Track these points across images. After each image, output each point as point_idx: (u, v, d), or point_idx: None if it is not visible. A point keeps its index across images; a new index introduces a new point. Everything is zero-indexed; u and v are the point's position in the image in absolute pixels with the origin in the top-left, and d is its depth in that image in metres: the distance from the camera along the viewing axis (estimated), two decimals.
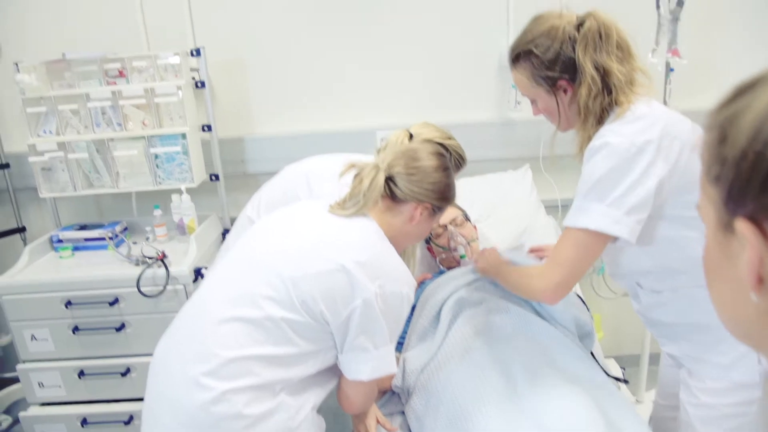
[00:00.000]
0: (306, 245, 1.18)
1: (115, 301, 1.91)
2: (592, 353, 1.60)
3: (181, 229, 2.15)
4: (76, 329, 1.94)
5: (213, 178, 2.27)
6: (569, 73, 1.22)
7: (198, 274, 1.95)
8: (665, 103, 2.07)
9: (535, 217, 2.13)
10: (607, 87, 1.19)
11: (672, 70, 2.05)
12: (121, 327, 1.94)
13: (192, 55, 2.13)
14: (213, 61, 2.26)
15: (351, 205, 1.23)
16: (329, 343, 1.18)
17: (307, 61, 2.32)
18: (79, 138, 2.07)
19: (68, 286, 1.91)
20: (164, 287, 1.88)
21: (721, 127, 0.49)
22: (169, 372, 1.16)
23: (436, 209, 1.30)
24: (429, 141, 1.37)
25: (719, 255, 0.52)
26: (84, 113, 2.07)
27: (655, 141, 1.14)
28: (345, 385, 1.25)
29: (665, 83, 2.07)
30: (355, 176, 1.26)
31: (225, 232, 2.33)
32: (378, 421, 1.42)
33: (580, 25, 1.21)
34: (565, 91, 1.25)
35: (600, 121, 1.23)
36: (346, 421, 1.48)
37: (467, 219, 1.88)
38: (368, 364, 1.17)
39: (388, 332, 1.16)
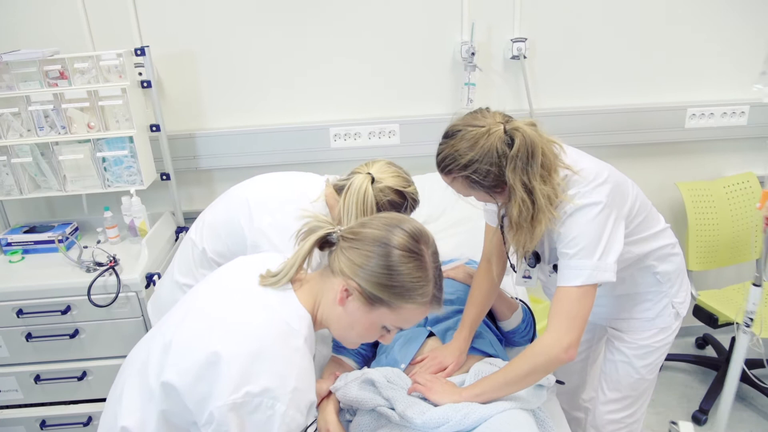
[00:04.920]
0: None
1: (67, 309, 1.93)
2: None
3: (133, 231, 2.15)
4: (29, 336, 1.95)
5: (164, 177, 2.25)
6: (503, 185, 1.30)
7: (150, 280, 1.97)
8: None
9: (482, 218, 2.17)
10: (533, 204, 1.28)
11: None
12: (74, 333, 1.96)
13: (137, 54, 2.07)
14: (161, 56, 2.21)
15: (283, 273, 1.08)
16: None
17: (258, 56, 2.28)
18: (22, 141, 2.02)
19: (19, 295, 1.92)
20: (116, 295, 1.90)
21: None
22: None
23: (375, 307, 1.05)
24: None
25: None
26: (26, 116, 2.01)
27: (610, 195, 1.32)
28: None
29: None
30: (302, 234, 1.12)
31: (178, 230, 2.34)
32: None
33: (509, 143, 1.26)
34: (502, 197, 1.34)
35: (529, 232, 1.32)
36: None
37: None
38: None
39: None
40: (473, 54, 2.25)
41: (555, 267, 1.45)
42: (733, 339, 2.58)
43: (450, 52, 2.33)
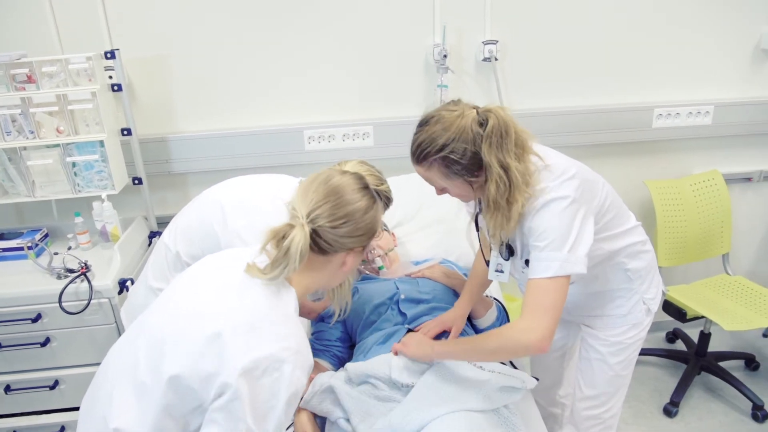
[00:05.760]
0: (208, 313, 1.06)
1: (37, 317, 1.89)
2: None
3: (105, 236, 2.12)
4: None
5: (136, 181, 2.23)
6: (480, 168, 1.31)
7: (123, 286, 1.94)
8: None
9: (458, 215, 2.20)
10: (509, 183, 1.30)
11: None
12: (46, 342, 1.93)
13: (107, 57, 2.05)
14: (132, 59, 2.18)
15: (275, 272, 1.08)
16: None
17: (231, 58, 2.27)
18: None
19: None
20: (88, 302, 1.87)
21: None
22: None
23: (366, 246, 1.26)
24: (356, 178, 1.30)
25: None
26: None
27: (578, 190, 1.35)
28: None
29: None
30: (278, 244, 1.10)
31: (152, 234, 2.31)
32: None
33: (482, 123, 1.28)
34: (478, 183, 1.35)
35: (506, 211, 1.33)
36: None
37: (385, 229, 1.94)
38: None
39: (254, 425, 0.98)
40: (445, 56, 2.28)
41: (527, 262, 1.47)
42: (702, 333, 2.65)
43: (422, 54, 2.35)
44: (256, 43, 2.26)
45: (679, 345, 2.92)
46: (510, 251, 1.49)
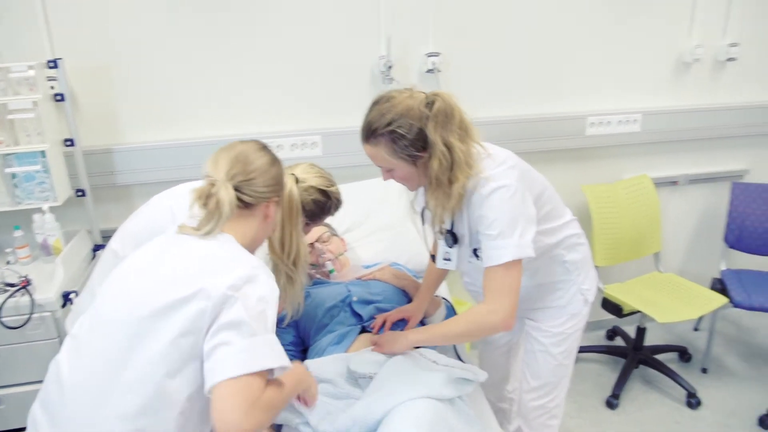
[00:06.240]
0: (171, 277, 1.15)
1: None
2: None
3: (46, 250, 2.07)
4: None
5: (79, 193, 2.18)
6: (425, 149, 1.39)
7: (66, 299, 1.90)
8: None
9: (404, 223, 2.26)
10: (452, 162, 1.38)
11: None
12: None
13: (49, 66, 2.01)
14: (75, 69, 2.15)
15: (209, 226, 1.20)
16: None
17: (176, 71, 2.27)
18: None
19: None
20: (29, 316, 1.81)
21: None
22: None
23: (280, 199, 1.38)
24: (255, 143, 1.36)
25: None
26: None
27: (520, 178, 1.44)
28: (213, 399, 1.04)
29: None
30: (207, 202, 1.22)
31: (96, 248, 2.26)
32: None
33: (429, 104, 1.37)
34: (422, 162, 1.42)
35: (447, 189, 1.41)
36: None
37: (334, 234, 1.98)
38: (235, 356, 1.04)
39: (256, 326, 1.08)
40: (390, 67, 2.36)
41: (475, 252, 1.54)
42: (638, 328, 2.80)
43: (369, 65, 2.42)
44: (203, 55, 2.27)
45: (619, 341, 3.07)
46: (454, 238, 1.56)
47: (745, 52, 2.78)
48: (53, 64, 2.01)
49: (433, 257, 1.74)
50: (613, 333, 3.11)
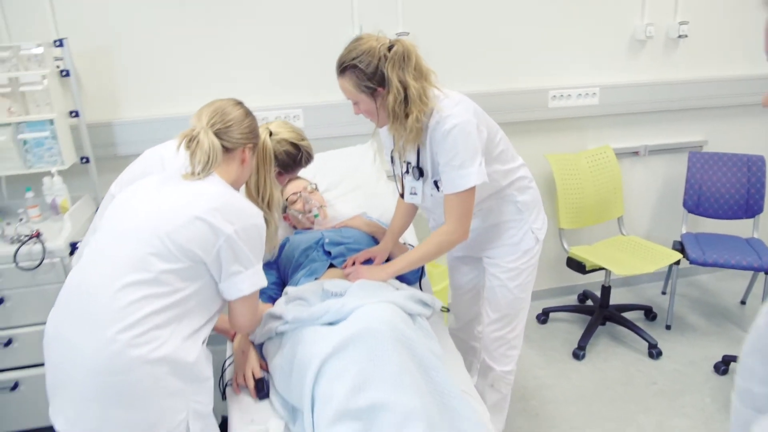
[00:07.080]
0: (169, 204, 1.40)
1: None
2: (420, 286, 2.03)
3: (55, 210, 2.30)
4: None
5: (84, 160, 2.43)
6: (383, 85, 1.62)
7: (74, 247, 2.13)
8: None
9: (377, 184, 2.49)
10: (407, 98, 1.61)
11: None
12: (0, 301, 2.08)
13: (55, 45, 2.27)
14: (78, 50, 2.40)
15: (200, 168, 1.44)
16: (207, 277, 1.41)
17: (171, 50, 2.52)
18: None
19: None
20: (41, 260, 2.05)
21: None
22: (71, 343, 1.33)
23: (255, 147, 1.61)
24: (232, 99, 1.59)
25: None
26: None
27: (476, 115, 1.69)
28: (232, 308, 1.50)
29: None
30: (189, 143, 1.45)
31: None
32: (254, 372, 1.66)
33: (390, 48, 1.60)
34: (381, 97, 1.65)
35: (404, 121, 1.65)
36: None
37: (316, 189, 2.21)
38: (245, 282, 1.43)
39: (253, 256, 1.43)
40: None
41: (436, 184, 1.77)
42: (603, 286, 3.00)
43: (343, 46, 2.66)
44: (195, 38, 2.52)
45: (589, 304, 3.27)
46: (420, 172, 1.78)
47: (696, 30, 3.00)
48: (59, 43, 2.27)
49: (402, 195, 1.95)
50: (584, 297, 3.30)
